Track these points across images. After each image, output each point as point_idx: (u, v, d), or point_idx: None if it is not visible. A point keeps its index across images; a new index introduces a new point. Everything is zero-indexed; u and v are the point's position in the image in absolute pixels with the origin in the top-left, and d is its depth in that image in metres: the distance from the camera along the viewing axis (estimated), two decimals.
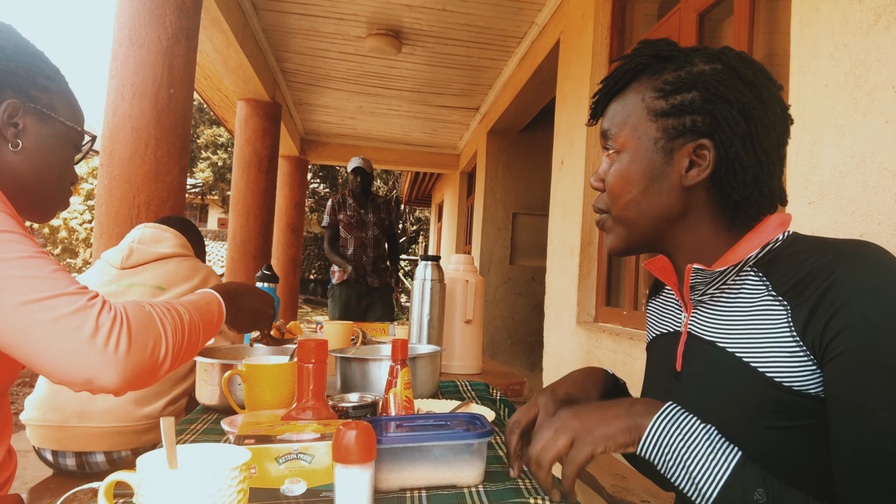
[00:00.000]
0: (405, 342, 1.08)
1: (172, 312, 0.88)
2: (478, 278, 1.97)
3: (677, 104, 0.76)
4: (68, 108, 1.02)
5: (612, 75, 0.83)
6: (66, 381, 0.76)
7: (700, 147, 0.76)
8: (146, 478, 0.58)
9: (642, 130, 0.78)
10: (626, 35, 3.00)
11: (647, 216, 0.80)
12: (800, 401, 0.67)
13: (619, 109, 0.81)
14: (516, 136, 5.87)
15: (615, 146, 0.81)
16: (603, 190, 0.84)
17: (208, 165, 18.13)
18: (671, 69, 0.78)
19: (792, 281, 0.70)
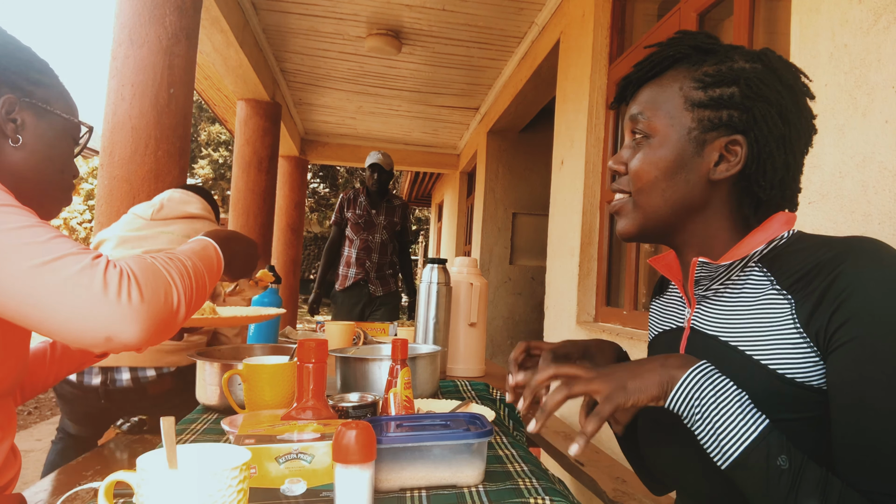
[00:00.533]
0: (405, 342, 1.08)
1: (175, 261, 0.87)
2: (482, 281, 1.97)
3: (716, 97, 0.77)
4: (63, 101, 1.01)
5: (647, 60, 0.82)
6: (86, 342, 0.75)
7: (733, 142, 0.77)
8: (146, 478, 0.58)
9: (677, 118, 0.78)
10: (626, 35, 3.00)
11: (669, 203, 0.79)
12: (803, 393, 0.68)
13: (653, 95, 0.81)
14: (516, 136, 5.87)
15: (646, 130, 0.80)
16: (623, 173, 0.83)
17: (209, 163, 18.12)
18: (711, 62, 0.78)
19: (796, 275, 0.71)
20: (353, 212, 4.16)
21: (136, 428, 1.21)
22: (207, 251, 0.99)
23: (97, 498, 0.62)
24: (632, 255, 2.65)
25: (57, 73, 1.03)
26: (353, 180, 17.88)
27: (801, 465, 0.64)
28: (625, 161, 0.83)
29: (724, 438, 0.66)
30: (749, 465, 0.64)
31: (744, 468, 0.65)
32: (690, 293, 0.82)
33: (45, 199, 1.00)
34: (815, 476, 0.64)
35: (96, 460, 1.05)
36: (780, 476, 0.64)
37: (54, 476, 1.10)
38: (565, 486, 0.94)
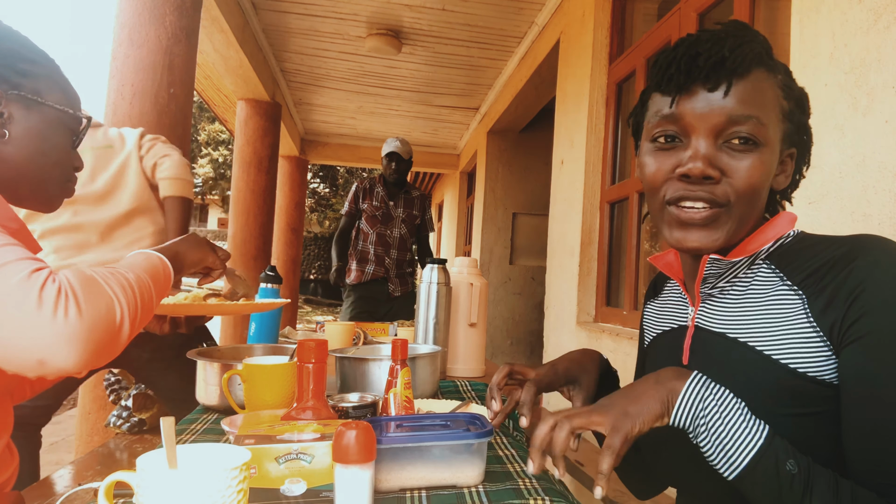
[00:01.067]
0: (405, 342, 1.08)
1: (116, 275, 0.81)
2: (482, 281, 1.97)
3: (791, 109, 0.76)
4: (58, 92, 0.98)
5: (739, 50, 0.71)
6: (15, 364, 0.68)
7: (789, 156, 0.78)
8: (146, 478, 0.58)
9: (777, 128, 0.74)
10: (626, 35, 3.00)
11: (758, 213, 0.77)
12: (814, 388, 0.68)
13: (758, 97, 0.72)
14: (516, 136, 5.87)
15: (759, 137, 0.72)
16: (718, 179, 0.72)
17: (209, 162, 18.12)
18: (778, 70, 0.76)
19: (808, 271, 0.71)
20: (369, 203, 3.83)
21: (136, 428, 1.21)
22: (150, 260, 0.94)
23: (97, 498, 0.62)
24: (632, 255, 2.65)
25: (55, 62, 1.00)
26: (353, 180, 17.88)
27: (809, 468, 0.64)
28: (720, 167, 0.72)
29: (730, 448, 0.65)
30: (759, 474, 0.64)
31: (753, 477, 0.64)
32: (696, 291, 0.82)
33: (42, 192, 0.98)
34: (826, 477, 0.64)
35: (96, 460, 1.05)
36: (791, 481, 0.63)
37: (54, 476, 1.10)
38: (565, 486, 0.94)
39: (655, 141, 0.77)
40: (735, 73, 0.71)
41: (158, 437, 1.19)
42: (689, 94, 0.73)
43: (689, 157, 0.73)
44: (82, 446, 2.47)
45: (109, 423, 1.23)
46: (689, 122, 0.73)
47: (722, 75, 0.71)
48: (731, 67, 0.71)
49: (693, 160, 0.72)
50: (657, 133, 0.76)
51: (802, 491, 0.63)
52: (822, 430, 0.68)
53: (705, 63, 0.71)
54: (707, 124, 0.72)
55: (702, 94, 0.72)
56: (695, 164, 0.72)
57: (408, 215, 3.89)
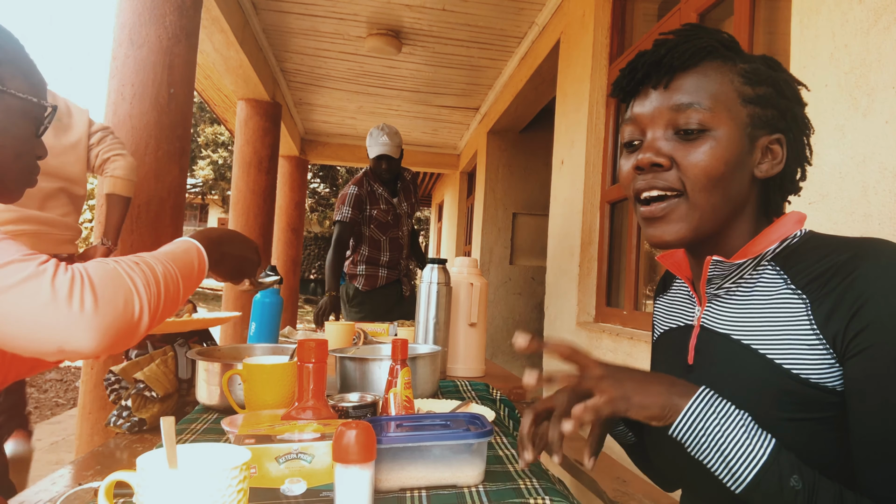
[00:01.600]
0: (405, 342, 1.08)
1: (142, 265, 0.81)
2: (482, 281, 1.97)
3: (761, 94, 0.76)
4: (20, 79, 0.92)
5: (679, 48, 0.76)
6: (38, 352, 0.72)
7: (774, 142, 0.77)
8: (146, 477, 0.58)
9: (735, 112, 0.75)
10: (626, 35, 3.00)
11: (729, 202, 0.76)
12: (816, 393, 0.68)
13: (703, 85, 0.75)
14: (516, 136, 5.87)
15: (706, 122, 0.74)
16: (668, 167, 0.75)
17: (209, 164, 18.12)
18: (740, 60, 0.77)
19: (812, 275, 0.71)
20: (378, 209, 3.44)
21: (136, 427, 1.21)
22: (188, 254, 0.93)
23: (97, 498, 0.62)
24: (632, 255, 2.65)
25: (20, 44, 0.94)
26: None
27: (815, 483, 0.64)
28: (668, 154, 0.75)
29: (734, 464, 0.66)
30: (763, 489, 0.65)
31: (757, 492, 0.65)
32: (702, 291, 0.82)
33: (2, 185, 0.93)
34: (830, 493, 0.64)
35: (96, 460, 1.05)
36: (794, 497, 0.64)
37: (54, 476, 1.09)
38: (565, 486, 0.94)
39: (626, 146, 0.82)
40: (675, 68, 0.75)
41: (158, 437, 1.19)
42: (639, 97, 0.79)
43: (640, 150, 0.78)
44: (82, 446, 2.47)
45: (109, 423, 1.23)
46: (642, 120, 0.78)
47: (661, 72, 0.76)
48: (668, 63, 0.75)
49: (643, 151, 0.77)
50: (624, 139, 0.82)
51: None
52: (822, 435, 0.68)
53: (643, 65, 0.77)
54: (655, 119, 0.77)
55: (648, 94, 0.78)
56: (643, 155, 0.76)
57: (410, 206, 3.62)
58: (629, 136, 0.80)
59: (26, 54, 0.95)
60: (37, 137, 0.97)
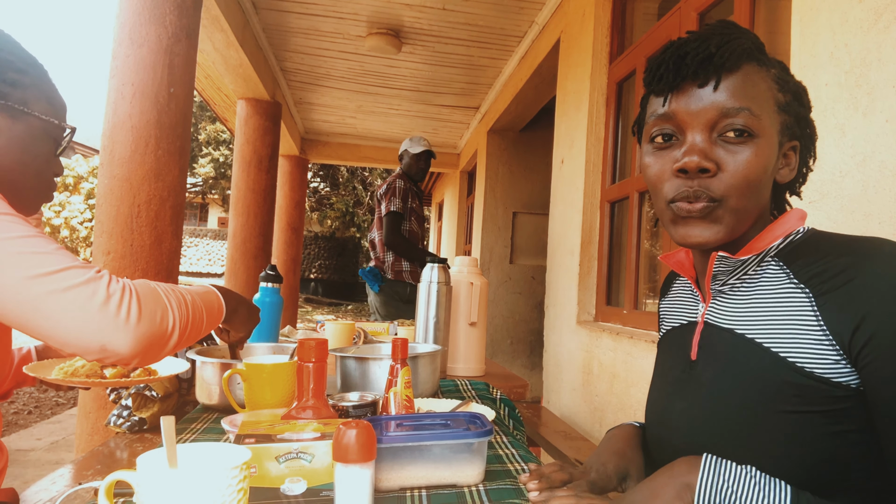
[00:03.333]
0: (405, 341, 1.08)
1: (176, 291, 0.91)
2: (482, 281, 1.97)
3: (789, 102, 0.77)
4: (44, 102, 0.98)
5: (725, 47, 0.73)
6: (81, 349, 0.79)
7: (791, 149, 0.79)
8: (146, 477, 0.58)
9: (773, 119, 0.75)
10: (627, 34, 3.00)
11: (758, 206, 0.77)
12: (820, 386, 0.68)
13: (750, 89, 0.73)
14: (516, 136, 5.86)
15: (754, 128, 0.72)
16: (714, 172, 0.73)
17: (210, 161, 18.12)
18: (770, 65, 0.78)
19: (813, 271, 0.71)
20: (416, 203, 3.79)
21: (136, 427, 1.21)
22: (210, 296, 1.03)
23: (97, 497, 0.62)
24: (632, 254, 2.65)
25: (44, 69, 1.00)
26: (353, 180, 17.88)
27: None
28: (715, 159, 0.73)
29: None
30: None
31: None
32: (706, 288, 0.82)
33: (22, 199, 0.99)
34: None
35: (96, 460, 1.05)
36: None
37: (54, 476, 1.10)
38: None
39: (653, 141, 0.78)
40: (723, 68, 0.73)
41: (158, 437, 1.19)
42: (681, 92, 0.75)
43: (684, 151, 0.74)
44: (82, 446, 2.47)
45: (109, 423, 1.23)
46: (683, 118, 0.74)
47: (710, 71, 0.73)
48: (718, 63, 0.72)
49: (689, 154, 0.73)
50: (654, 133, 0.78)
51: None
52: (824, 428, 0.68)
53: (693, 61, 0.73)
54: (700, 119, 0.73)
55: (693, 91, 0.74)
56: (690, 158, 0.73)
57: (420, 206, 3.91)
58: (660, 130, 0.77)
59: (49, 79, 1.02)
60: (55, 157, 1.04)
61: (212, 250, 22.07)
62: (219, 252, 21.68)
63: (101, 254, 2.46)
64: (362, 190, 17.98)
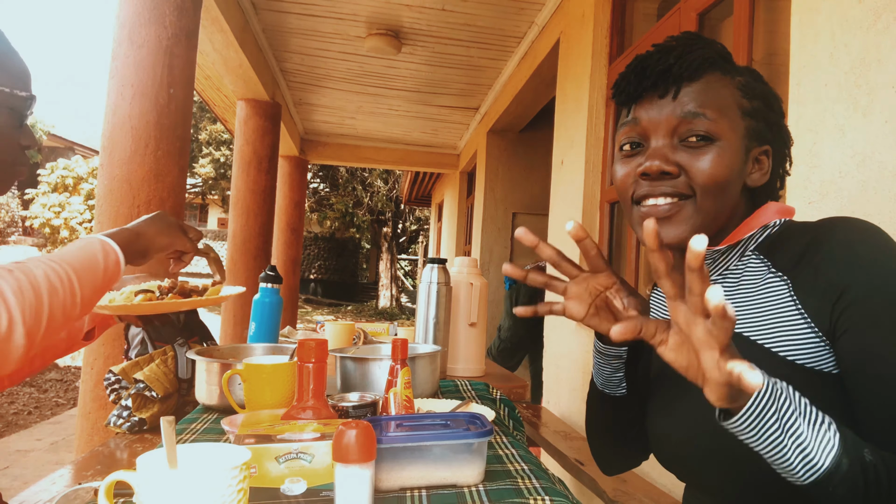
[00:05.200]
0: (405, 342, 1.08)
1: (15, 273, 0.71)
2: (482, 281, 1.97)
3: (756, 107, 0.80)
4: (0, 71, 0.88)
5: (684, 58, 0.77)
6: None
7: (763, 153, 0.81)
8: (146, 477, 0.58)
9: (737, 124, 0.78)
10: (626, 35, 3.00)
11: (726, 208, 0.79)
12: (804, 376, 0.69)
13: (709, 96, 0.77)
14: (516, 136, 5.87)
15: (712, 132, 0.76)
16: (676, 174, 0.77)
17: (210, 162, 18.12)
18: (736, 73, 0.81)
19: (788, 257, 0.74)
20: None
21: (136, 427, 1.21)
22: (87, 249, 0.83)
23: (97, 497, 0.62)
24: (632, 254, 2.65)
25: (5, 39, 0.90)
26: (353, 181, 17.88)
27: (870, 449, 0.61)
28: (676, 161, 0.77)
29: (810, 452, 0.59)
30: (842, 472, 0.59)
31: (837, 476, 0.59)
32: None
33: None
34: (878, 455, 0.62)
35: (96, 460, 1.05)
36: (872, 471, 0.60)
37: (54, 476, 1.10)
38: (565, 485, 0.94)
39: (622, 149, 0.83)
40: (682, 79, 0.77)
41: (158, 437, 1.19)
42: (643, 102, 0.80)
43: (647, 156, 0.79)
44: (82, 446, 2.47)
45: (109, 423, 1.23)
46: (646, 126, 0.79)
47: (669, 82, 0.78)
48: (677, 73, 0.77)
49: (651, 158, 0.77)
50: (622, 142, 0.83)
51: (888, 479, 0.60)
52: None
53: (652, 73, 0.78)
54: (662, 126, 0.78)
55: (654, 101, 0.79)
56: (652, 162, 0.77)
57: None
58: (628, 139, 0.82)
59: (6, 41, 0.90)
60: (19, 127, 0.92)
61: None
62: (218, 252, 21.69)
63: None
64: (362, 191, 17.98)
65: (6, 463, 3.88)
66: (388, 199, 18.37)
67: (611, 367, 0.90)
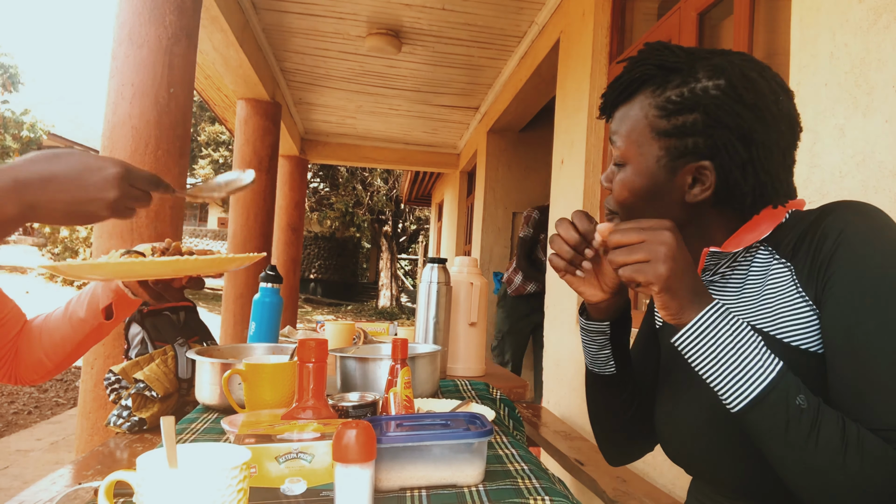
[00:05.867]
0: (405, 341, 1.08)
1: None
2: (482, 281, 1.97)
3: (679, 125, 0.77)
4: None
5: (617, 82, 0.83)
6: None
7: (701, 168, 0.78)
8: (146, 477, 0.58)
9: (645, 147, 0.79)
10: (626, 34, 3.00)
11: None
12: (807, 360, 0.70)
13: (623, 120, 0.82)
14: (516, 136, 5.86)
15: (620, 157, 0.83)
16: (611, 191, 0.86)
17: (209, 163, 18.11)
18: (674, 84, 0.78)
19: (791, 243, 0.75)
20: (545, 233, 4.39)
21: (136, 427, 1.21)
22: None
23: (97, 497, 0.62)
24: None
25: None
26: (353, 180, 17.87)
27: (819, 405, 0.65)
28: (610, 179, 0.86)
29: (741, 378, 0.66)
30: (768, 405, 0.64)
31: (762, 409, 0.65)
32: None
33: None
34: (834, 415, 0.65)
35: (96, 460, 1.05)
36: (800, 415, 0.64)
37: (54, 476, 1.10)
38: (565, 485, 0.94)
39: None
40: (617, 103, 0.84)
41: (158, 437, 1.19)
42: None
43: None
44: (82, 446, 2.47)
45: (109, 423, 1.23)
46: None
47: (607, 107, 0.85)
48: (609, 97, 0.84)
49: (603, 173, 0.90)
50: None
51: (810, 426, 0.64)
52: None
53: (603, 102, 0.86)
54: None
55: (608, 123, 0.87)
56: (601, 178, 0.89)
57: None
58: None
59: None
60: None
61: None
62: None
63: (101, 254, 2.46)
64: (362, 190, 17.98)
65: (6, 463, 3.88)
66: (388, 199, 18.37)
67: (596, 345, 0.92)
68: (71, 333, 1.09)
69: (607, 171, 0.87)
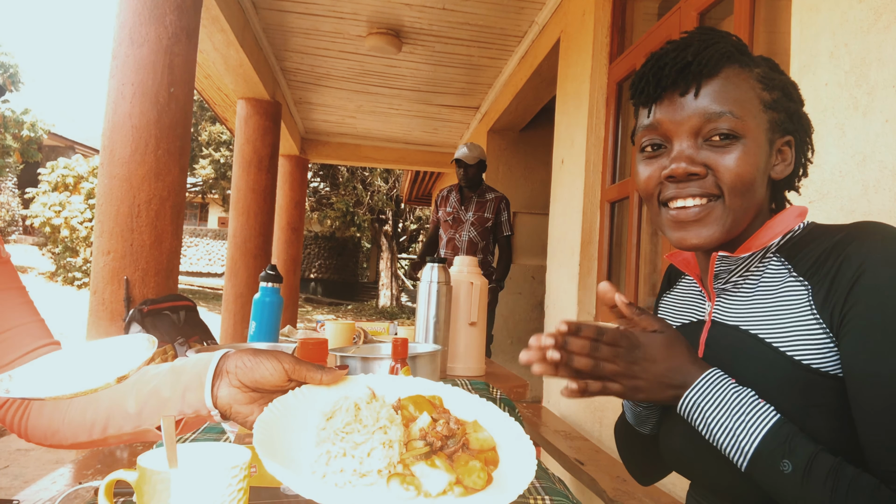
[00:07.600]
0: (405, 341, 1.08)
1: None
2: (482, 280, 1.97)
3: (777, 99, 0.78)
4: None
5: (702, 54, 0.75)
6: None
7: (785, 144, 0.80)
8: (146, 477, 0.58)
9: (760, 119, 0.77)
10: (627, 34, 3.00)
11: (754, 204, 0.78)
12: (818, 380, 0.69)
13: (730, 92, 0.75)
14: (516, 136, 5.86)
15: (737, 130, 0.74)
16: (703, 175, 0.76)
17: (210, 163, 18.11)
18: (753, 64, 0.79)
19: (811, 261, 0.73)
20: (444, 210, 4.13)
21: None
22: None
23: (97, 497, 0.62)
24: (632, 254, 2.65)
25: None
26: (353, 180, 17.87)
27: (809, 463, 0.65)
28: (703, 162, 0.76)
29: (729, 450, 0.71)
30: (759, 471, 0.69)
31: (756, 474, 0.70)
32: (710, 287, 0.83)
33: None
34: (823, 471, 0.64)
35: (96, 459, 1.05)
36: (783, 480, 0.67)
37: (54, 475, 1.10)
38: (565, 485, 0.94)
39: (643, 150, 0.82)
40: (702, 75, 0.75)
41: (158, 437, 1.19)
42: (663, 102, 0.78)
43: (672, 158, 0.77)
44: None
45: None
46: (668, 127, 0.77)
47: (689, 79, 0.76)
48: (696, 70, 0.75)
49: (676, 161, 0.76)
50: (644, 143, 0.81)
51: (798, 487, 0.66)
52: (827, 423, 0.69)
53: (671, 71, 0.76)
54: (684, 126, 0.76)
55: (675, 100, 0.77)
56: (678, 165, 0.76)
57: (478, 218, 4.00)
58: (649, 140, 0.80)
59: None
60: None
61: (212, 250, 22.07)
62: (219, 252, 21.68)
63: (102, 254, 2.46)
64: (362, 190, 17.97)
65: (6, 462, 3.88)
66: (388, 198, 18.36)
67: (646, 411, 0.93)
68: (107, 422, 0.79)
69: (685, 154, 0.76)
